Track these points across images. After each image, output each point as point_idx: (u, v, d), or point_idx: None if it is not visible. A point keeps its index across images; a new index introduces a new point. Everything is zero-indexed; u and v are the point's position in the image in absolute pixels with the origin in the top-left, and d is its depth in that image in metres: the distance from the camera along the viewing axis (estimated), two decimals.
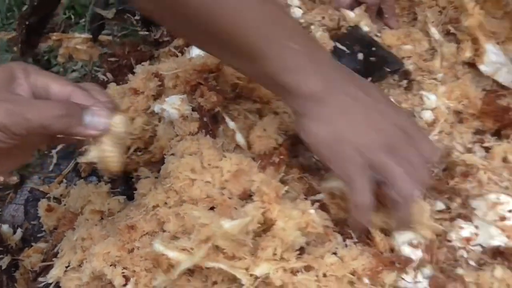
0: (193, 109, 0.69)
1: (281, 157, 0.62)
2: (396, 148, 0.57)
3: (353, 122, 0.57)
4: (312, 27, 0.83)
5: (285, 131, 0.65)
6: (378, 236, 0.61)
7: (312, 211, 0.55)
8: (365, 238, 0.62)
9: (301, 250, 0.57)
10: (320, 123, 0.57)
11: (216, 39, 0.55)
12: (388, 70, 0.80)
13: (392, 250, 0.60)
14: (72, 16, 1.51)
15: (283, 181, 0.63)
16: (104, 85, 0.80)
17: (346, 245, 0.58)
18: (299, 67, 0.56)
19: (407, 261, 0.55)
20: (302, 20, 0.81)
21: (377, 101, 0.59)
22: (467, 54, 0.81)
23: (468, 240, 0.62)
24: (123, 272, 0.57)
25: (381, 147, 0.57)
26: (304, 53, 0.56)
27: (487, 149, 0.72)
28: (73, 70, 1.40)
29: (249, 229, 0.52)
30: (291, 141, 0.65)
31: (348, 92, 0.58)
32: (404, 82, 0.81)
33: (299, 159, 0.68)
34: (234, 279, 0.55)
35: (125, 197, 0.68)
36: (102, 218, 0.67)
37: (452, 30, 0.84)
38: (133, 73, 0.78)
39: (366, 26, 0.85)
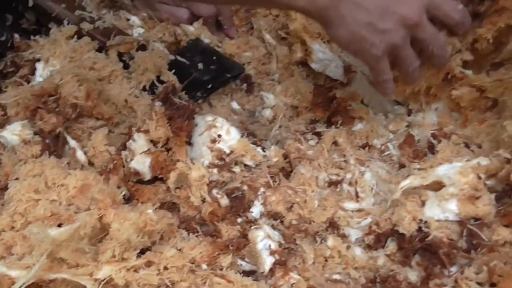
0: (36, 133, 0.71)
1: (115, 162, 0.66)
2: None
3: (366, 19, 0.67)
4: (155, 44, 0.88)
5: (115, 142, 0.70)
6: (223, 229, 0.66)
7: (149, 211, 0.59)
8: (212, 231, 0.67)
9: (147, 250, 0.60)
10: (341, 27, 0.68)
11: None
12: (229, 76, 0.87)
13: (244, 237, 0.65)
14: None
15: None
16: None
17: (190, 239, 0.63)
18: None
19: (240, 243, 0.60)
20: (141, 38, 0.86)
21: None
22: (298, 54, 0.89)
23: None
24: None
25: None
26: None
27: (320, 136, 0.80)
28: None
29: (82, 235, 0.54)
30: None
31: None
32: (245, 86, 0.88)
33: None
34: None
35: None
36: None
37: (283, 35, 0.92)
38: None
39: (206, 38, 0.92)
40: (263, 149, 0.77)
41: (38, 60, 0.83)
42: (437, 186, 0.64)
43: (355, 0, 0.66)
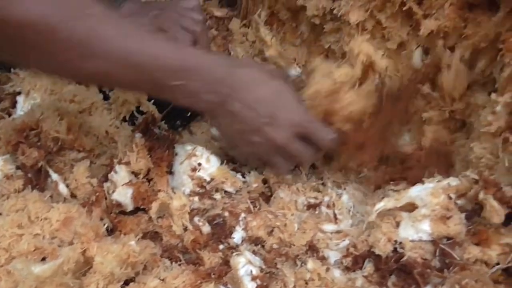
0: (18, 168, 0.72)
1: (97, 194, 0.67)
2: None
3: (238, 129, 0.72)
4: None
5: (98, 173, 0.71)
6: (206, 256, 0.67)
7: (132, 242, 0.60)
8: (195, 259, 0.68)
9: (131, 281, 0.61)
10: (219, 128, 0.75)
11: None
12: None
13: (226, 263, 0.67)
14: None
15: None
16: None
17: (173, 268, 0.64)
18: (194, 95, 0.67)
19: (222, 270, 0.62)
20: None
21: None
22: None
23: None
24: None
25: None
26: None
27: None
28: None
29: (65, 270, 0.55)
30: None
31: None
32: None
33: None
34: None
35: None
36: None
37: (260, 61, 0.95)
38: None
39: None
40: (243, 175, 0.79)
41: (19, 93, 0.85)
42: (411, 207, 0.66)
43: (233, 110, 0.69)
